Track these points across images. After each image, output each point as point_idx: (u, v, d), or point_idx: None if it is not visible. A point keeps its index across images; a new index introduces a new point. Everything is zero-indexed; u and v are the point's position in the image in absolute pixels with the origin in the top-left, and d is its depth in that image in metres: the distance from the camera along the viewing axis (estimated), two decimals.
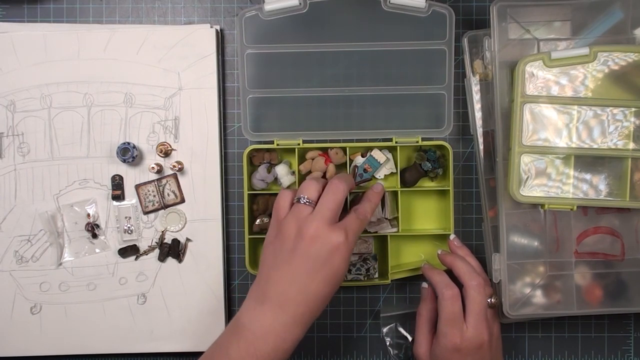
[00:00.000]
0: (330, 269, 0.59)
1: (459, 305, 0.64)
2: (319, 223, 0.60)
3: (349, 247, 0.60)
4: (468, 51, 0.73)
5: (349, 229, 0.61)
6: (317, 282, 0.59)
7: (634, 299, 0.70)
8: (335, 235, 0.59)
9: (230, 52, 0.76)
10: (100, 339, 0.74)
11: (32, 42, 0.73)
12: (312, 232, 0.59)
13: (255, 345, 0.58)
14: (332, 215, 0.60)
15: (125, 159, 0.72)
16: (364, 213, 0.64)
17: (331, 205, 0.61)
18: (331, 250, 0.59)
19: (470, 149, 0.76)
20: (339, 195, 0.61)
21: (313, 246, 0.59)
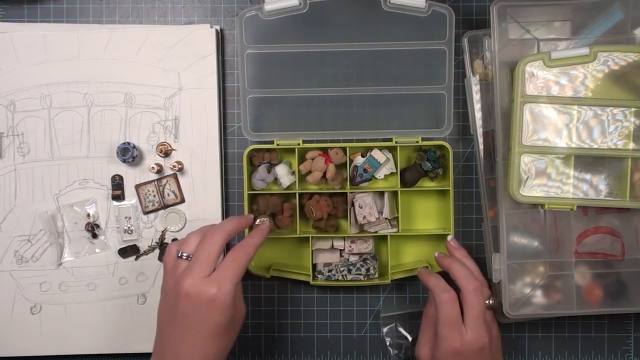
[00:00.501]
0: (212, 323, 0.58)
1: (457, 308, 0.64)
2: (192, 279, 0.59)
3: (226, 296, 0.58)
4: (468, 51, 0.73)
5: (221, 279, 0.58)
6: (202, 339, 0.59)
7: (634, 299, 0.70)
8: (205, 290, 0.58)
9: (230, 52, 0.76)
10: (100, 339, 0.74)
11: (32, 42, 0.73)
12: (185, 289, 0.58)
13: None
14: (205, 268, 0.59)
15: (125, 159, 0.72)
16: (243, 251, 0.61)
17: (203, 258, 0.60)
18: (206, 305, 0.58)
19: (470, 149, 0.76)
20: (212, 246, 0.60)
21: (189, 303, 0.58)
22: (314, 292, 0.76)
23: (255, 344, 0.76)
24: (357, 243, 0.74)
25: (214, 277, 0.59)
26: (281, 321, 0.76)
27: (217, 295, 0.58)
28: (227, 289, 0.58)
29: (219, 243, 0.60)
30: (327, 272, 0.73)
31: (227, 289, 0.58)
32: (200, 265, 0.59)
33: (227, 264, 0.60)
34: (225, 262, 0.60)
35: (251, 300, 0.76)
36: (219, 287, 0.58)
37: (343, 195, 0.74)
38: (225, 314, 0.58)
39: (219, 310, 0.58)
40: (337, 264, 0.73)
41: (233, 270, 0.59)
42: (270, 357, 0.76)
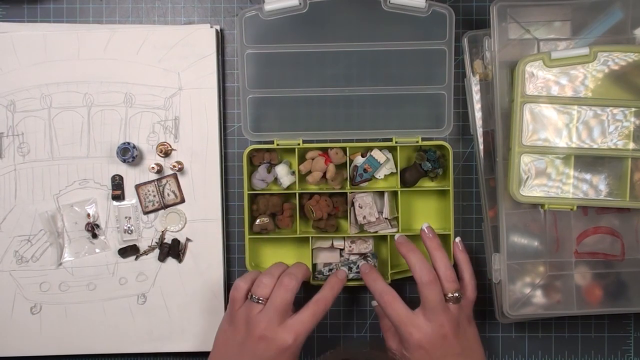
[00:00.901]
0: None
1: (401, 305, 0.64)
2: (267, 323, 0.61)
3: (299, 347, 0.62)
4: (468, 51, 0.73)
5: (299, 330, 0.62)
6: None
7: (634, 299, 0.70)
8: (282, 337, 0.61)
9: (230, 52, 0.76)
10: (100, 339, 0.74)
11: (32, 42, 0.73)
12: (259, 331, 0.61)
13: None
14: (280, 314, 0.62)
15: (125, 159, 0.72)
16: (324, 304, 0.65)
17: (281, 306, 0.62)
18: (277, 353, 0.61)
19: (470, 149, 0.76)
20: (288, 294, 0.63)
21: (259, 345, 0.61)
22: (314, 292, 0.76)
23: None
24: (357, 243, 0.74)
25: (293, 326, 0.62)
26: None
27: (292, 344, 0.61)
28: (301, 340, 0.62)
29: (294, 291, 0.64)
30: (327, 272, 0.73)
31: (301, 340, 0.62)
32: (278, 312, 0.62)
33: (307, 317, 0.63)
34: (306, 314, 0.63)
35: None
36: (296, 338, 0.61)
37: (343, 195, 0.74)
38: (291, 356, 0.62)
39: (286, 353, 0.61)
40: (337, 263, 0.73)
41: (310, 325, 0.63)
42: None
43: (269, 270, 0.66)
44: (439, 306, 0.63)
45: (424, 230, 0.69)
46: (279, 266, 0.67)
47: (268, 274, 0.65)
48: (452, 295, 0.65)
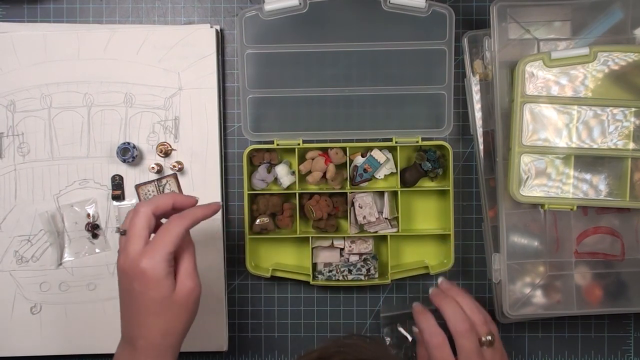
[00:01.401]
0: (148, 299, 0.56)
1: (447, 351, 0.63)
2: (124, 255, 0.57)
3: (156, 269, 0.55)
4: (468, 51, 0.73)
5: (150, 250, 0.56)
6: (143, 315, 0.57)
7: (634, 299, 0.70)
8: (136, 262, 0.56)
9: (230, 52, 0.76)
10: (100, 339, 0.74)
11: (32, 42, 0.73)
12: (120, 266, 0.57)
13: None
14: (136, 242, 0.57)
15: (125, 159, 0.72)
16: (176, 221, 0.58)
17: (132, 232, 0.57)
18: (138, 280, 0.56)
19: (470, 149, 0.76)
20: (138, 219, 0.57)
21: (125, 280, 0.57)
22: (314, 292, 0.76)
23: (255, 344, 0.76)
24: (357, 243, 0.74)
25: (144, 249, 0.56)
26: (281, 321, 0.76)
27: (146, 267, 0.55)
28: (155, 260, 0.55)
29: (146, 214, 0.57)
30: (328, 272, 0.73)
31: (155, 260, 0.55)
32: (131, 240, 0.57)
33: (158, 235, 0.57)
34: (157, 233, 0.57)
35: (251, 300, 0.76)
36: (149, 259, 0.55)
37: (343, 195, 0.74)
38: (159, 288, 0.56)
39: (151, 285, 0.56)
40: (337, 264, 0.73)
41: (163, 243, 0.56)
42: (270, 357, 0.76)
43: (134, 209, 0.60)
44: (476, 355, 0.62)
45: (440, 284, 0.70)
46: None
47: (130, 210, 0.60)
48: (486, 339, 0.64)
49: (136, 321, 0.57)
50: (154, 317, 0.57)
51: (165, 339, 0.57)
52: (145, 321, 0.57)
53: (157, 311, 0.56)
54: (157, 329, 0.57)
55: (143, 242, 0.57)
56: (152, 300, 0.56)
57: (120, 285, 0.58)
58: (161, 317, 0.57)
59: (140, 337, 0.57)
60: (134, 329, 0.58)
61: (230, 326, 0.75)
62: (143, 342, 0.57)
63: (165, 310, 0.57)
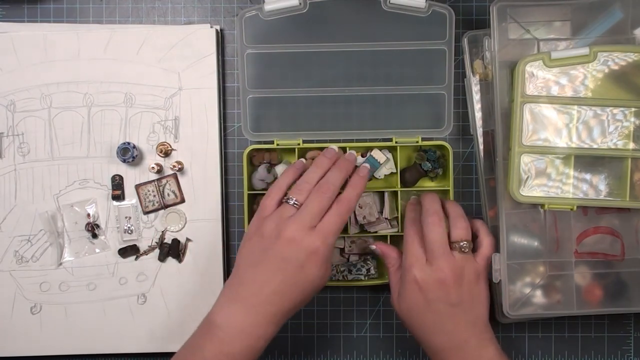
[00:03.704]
0: (304, 275, 0.59)
1: (417, 240, 0.64)
2: (299, 226, 0.59)
3: (326, 251, 0.60)
4: (468, 51, 0.73)
5: (327, 232, 0.60)
6: (289, 286, 0.59)
7: (634, 299, 0.70)
8: (311, 240, 0.59)
9: (230, 52, 0.76)
10: (100, 339, 0.74)
11: (32, 42, 0.73)
12: (289, 234, 0.59)
13: (229, 344, 0.58)
14: (315, 219, 0.60)
15: (125, 159, 0.72)
16: (348, 203, 0.62)
17: (315, 210, 0.60)
18: (308, 255, 0.59)
19: (470, 149, 0.76)
20: (325, 201, 0.61)
21: (288, 249, 0.59)
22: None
23: None
24: (357, 243, 0.74)
25: (320, 229, 0.59)
26: None
27: (320, 247, 0.59)
28: (330, 242, 0.60)
29: (331, 198, 0.61)
30: None
31: (330, 242, 0.60)
32: (311, 215, 0.60)
33: (333, 218, 0.60)
34: (331, 216, 0.60)
35: None
36: (324, 240, 0.59)
37: None
38: (320, 268, 0.60)
39: (316, 263, 0.59)
40: (337, 264, 0.73)
41: (337, 226, 0.60)
42: (270, 357, 0.76)
43: (307, 176, 0.64)
44: (440, 250, 0.62)
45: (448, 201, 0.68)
46: (316, 170, 0.64)
47: (306, 181, 0.63)
48: (458, 244, 0.63)
49: (276, 288, 0.59)
50: (297, 291, 0.60)
51: (287, 313, 0.60)
52: (289, 290, 0.60)
53: (306, 288, 0.60)
54: (291, 302, 0.60)
55: (319, 219, 0.60)
56: (310, 276, 0.59)
57: (267, 250, 0.60)
58: (302, 294, 0.60)
59: (272, 303, 0.59)
60: (269, 294, 0.59)
61: None
62: (275, 308, 0.59)
63: (311, 289, 0.60)
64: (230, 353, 0.58)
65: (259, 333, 0.59)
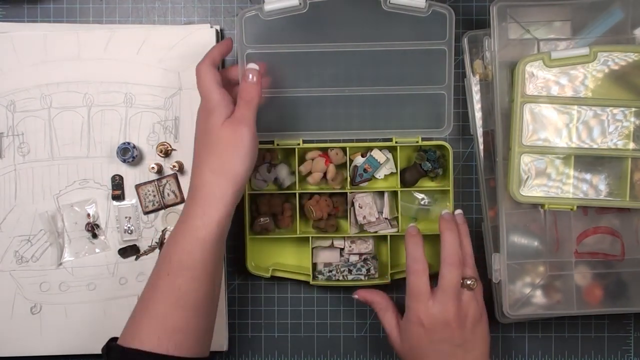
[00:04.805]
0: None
1: (425, 280, 0.63)
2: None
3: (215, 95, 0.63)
4: (468, 51, 0.73)
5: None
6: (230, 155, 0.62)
7: (634, 299, 0.70)
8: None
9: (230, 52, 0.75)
10: (100, 339, 0.73)
11: (32, 42, 0.73)
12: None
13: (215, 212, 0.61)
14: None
15: (125, 159, 0.72)
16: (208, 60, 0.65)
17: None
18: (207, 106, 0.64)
19: (470, 149, 0.76)
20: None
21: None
22: (314, 292, 0.76)
23: (255, 344, 0.76)
24: (357, 243, 0.74)
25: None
26: (281, 321, 0.76)
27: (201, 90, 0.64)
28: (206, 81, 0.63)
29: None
30: (328, 272, 0.73)
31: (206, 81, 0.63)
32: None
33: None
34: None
35: (251, 300, 0.76)
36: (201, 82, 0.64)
37: (343, 195, 0.74)
38: (213, 110, 0.63)
39: (207, 106, 0.63)
40: (337, 264, 0.73)
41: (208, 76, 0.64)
42: (270, 357, 0.76)
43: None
44: (453, 290, 0.62)
45: (456, 215, 0.68)
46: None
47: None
48: (468, 282, 0.63)
49: (198, 155, 0.63)
50: (207, 152, 0.62)
51: (219, 180, 0.61)
52: (202, 159, 0.62)
53: (211, 144, 0.62)
54: (213, 169, 0.62)
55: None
56: (207, 130, 0.62)
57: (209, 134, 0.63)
58: (215, 153, 0.62)
59: (198, 185, 0.62)
60: (194, 174, 0.63)
61: (230, 326, 0.75)
62: (200, 190, 0.62)
63: (216, 143, 0.62)
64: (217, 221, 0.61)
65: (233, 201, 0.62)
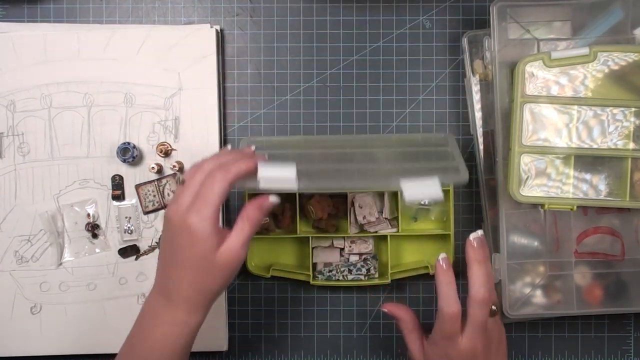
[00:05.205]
0: (191, 253, 0.57)
1: (459, 323, 0.61)
2: (175, 206, 0.57)
3: (204, 224, 0.56)
4: (468, 51, 0.73)
5: (200, 205, 0.56)
6: (184, 267, 0.57)
7: (634, 299, 0.70)
8: (186, 216, 0.56)
9: (230, 52, 0.76)
10: (100, 339, 0.74)
11: (32, 42, 0.73)
12: (168, 214, 0.58)
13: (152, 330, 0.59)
14: (187, 198, 0.57)
15: (125, 159, 0.72)
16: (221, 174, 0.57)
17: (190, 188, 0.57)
18: (181, 232, 0.57)
19: (470, 149, 0.76)
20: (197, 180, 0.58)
21: (170, 230, 0.58)
22: (314, 292, 0.76)
23: (255, 344, 0.76)
24: (357, 243, 0.74)
25: (193, 203, 0.56)
26: (281, 321, 0.76)
27: (192, 222, 0.56)
28: (202, 216, 0.56)
29: (205, 170, 0.58)
30: (328, 272, 0.73)
31: (202, 216, 0.56)
32: (185, 191, 0.57)
33: (203, 190, 0.57)
34: (201, 188, 0.57)
35: (251, 300, 0.76)
36: (196, 214, 0.56)
37: (343, 195, 0.74)
38: (201, 244, 0.56)
39: (195, 239, 0.56)
40: (337, 264, 0.73)
41: (209, 198, 0.56)
42: (270, 357, 0.76)
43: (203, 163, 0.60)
44: (483, 326, 0.60)
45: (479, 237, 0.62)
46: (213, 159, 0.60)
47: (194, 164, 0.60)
48: (493, 308, 0.61)
49: (174, 273, 0.58)
50: (191, 272, 0.57)
51: (198, 295, 0.58)
52: (182, 274, 0.58)
53: (195, 267, 0.57)
54: (192, 285, 0.58)
55: (195, 195, 0.57)
56: (193, 256, 0.57)
57: (164, 234, 0.59)
58: (198, 274, 0.57)
59: (174, 290, 0.58)
60: (170, 281, 0.59)
61: (230, 326, 0.75)
62: (177, 295, 0.58)
63: (203, 268, 0.57)
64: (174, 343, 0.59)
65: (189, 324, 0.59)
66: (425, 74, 0.75)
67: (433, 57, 0.75)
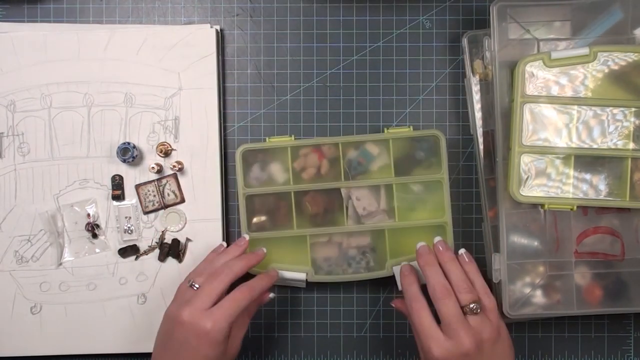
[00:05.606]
0: (200, 356, 0.60)
1: (426, 316, 0.61)
2: (191, 309, 0.61)
3: (218, 333, 0.60)
4: (468, 51, 0.73)
5: (219, 315, 0.61)
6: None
7: (634, 299, 0.70)
8: (203, 322, 0.60)
9: (230, 52, 0.76)
10: (100, 339, 0.74)
11: (32, 42, 0.73)
12: (182, 317, 0.61)
13: None
14: (206, 301, 0.61)
15: (125, 159, 0.72)
16: (245, 293, 0.63)
17: (207, 291, 0.62)
18: (198, 337, 0.60)
19: (470, 149, 0.76)
20: (215, 284, 0.63)
21: (182, 332, 0.61)
22: (314, 292, 0.76)
23: (255, 344, 0.76)
24: (355, 236, 0.74)
25: (212, 311, 0.61)
26: (281, 321, 0.76)
27: (210, 330, 0.60)
28: (221, 326, 0.60)
29: (224, 281, 0.63)
30: (327, 266, 0.73)
31: (221, 326, 0.60)
32: (202, 298, 0.62)
33: (228, 303, 0.62)
34: (226, 300, 0.62)
35: None
36: (214, 323, 0.60)
37: (338, 190, 0.74)
38: (214, 349, 0.61)
39: (209, 344, 0.60)
40: (336, 258, 0.73)
41: (231, 310, 0.61)
42: (270, 357, 0.76)
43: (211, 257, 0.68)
44: (457, 321, 0.60)
45: (436, 244, 0.67)
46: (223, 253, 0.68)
47: (207, 260, 0.68)
48: (469, 308, 0.62)
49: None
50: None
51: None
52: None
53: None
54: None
55: (213, 303, 0.62)
56: (203, 357, 0.61)
57: (170, 333, 0.62)
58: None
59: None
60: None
61: None
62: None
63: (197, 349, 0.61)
64: None
65: None
66: (425, 74, 0.75)
67: (433, 57, 0.75)
